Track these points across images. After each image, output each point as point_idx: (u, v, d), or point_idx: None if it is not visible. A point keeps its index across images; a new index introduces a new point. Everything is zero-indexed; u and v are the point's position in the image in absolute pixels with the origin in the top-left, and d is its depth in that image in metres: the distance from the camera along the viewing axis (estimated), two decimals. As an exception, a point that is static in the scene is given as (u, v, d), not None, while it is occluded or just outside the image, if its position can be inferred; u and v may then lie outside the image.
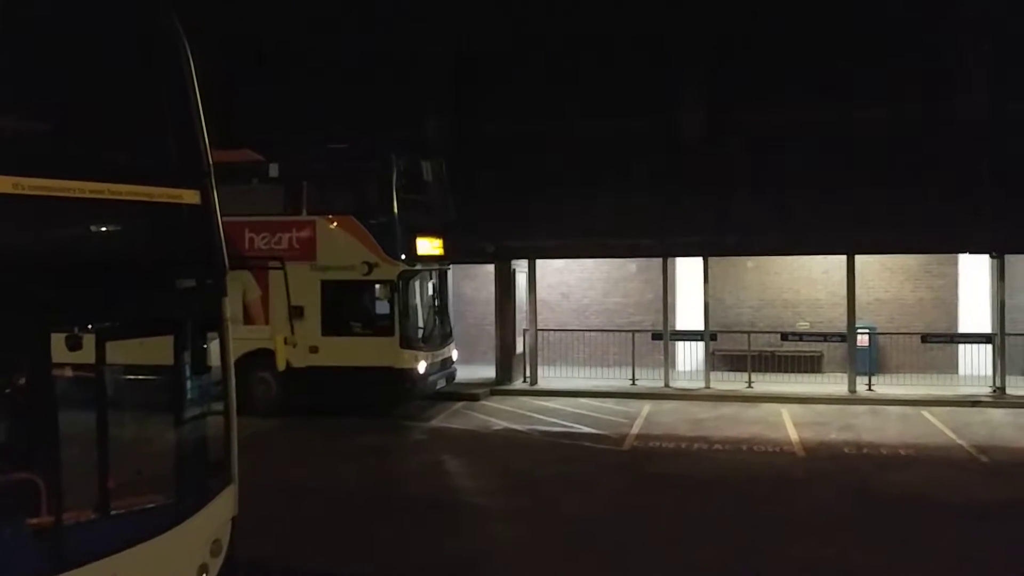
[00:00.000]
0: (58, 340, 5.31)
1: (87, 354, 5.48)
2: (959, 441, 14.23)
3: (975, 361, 18.43)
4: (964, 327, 19.63)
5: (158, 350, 6.20)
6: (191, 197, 6.11)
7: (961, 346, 19.07)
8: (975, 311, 19.60)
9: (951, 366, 19.28)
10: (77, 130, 5.77)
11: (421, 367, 16.12)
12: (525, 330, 19.92)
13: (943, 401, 17.21)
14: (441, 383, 17.25)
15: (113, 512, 5.72)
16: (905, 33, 18.14)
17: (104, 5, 5.97)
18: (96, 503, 5.63)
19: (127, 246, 6.01)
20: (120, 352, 5.97)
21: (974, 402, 17.16)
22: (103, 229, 5.85)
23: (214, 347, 6.35)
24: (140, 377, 6.66)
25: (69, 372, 5.82)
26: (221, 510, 6.24)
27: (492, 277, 20.06)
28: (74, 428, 5.61)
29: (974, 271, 19.72)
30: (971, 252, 18.91)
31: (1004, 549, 9.19)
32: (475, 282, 21.70)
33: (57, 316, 5.28)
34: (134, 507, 5.88)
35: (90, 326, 5.51)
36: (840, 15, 18.21)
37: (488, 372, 19.85)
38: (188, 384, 6.41)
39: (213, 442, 6.44)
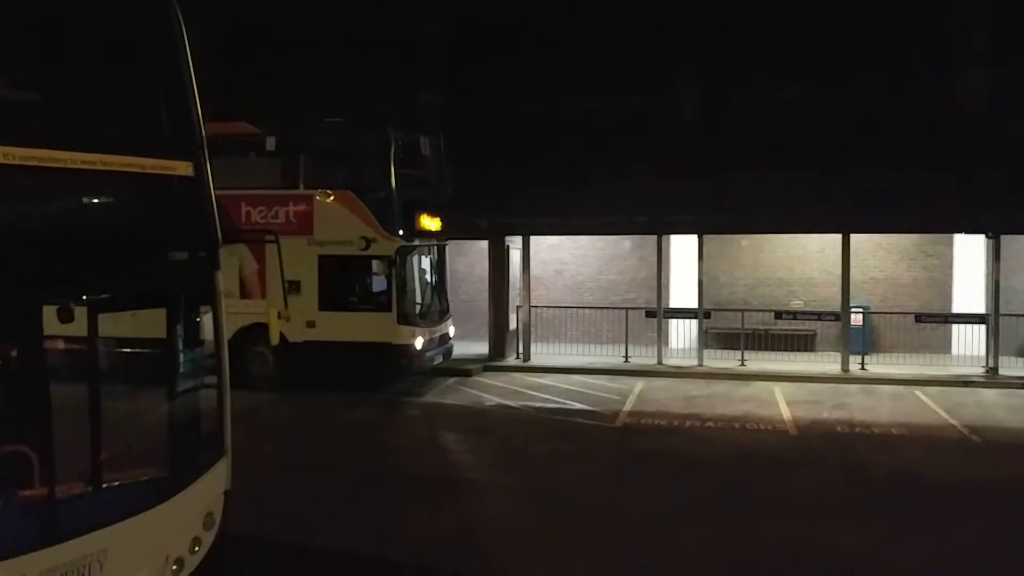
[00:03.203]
0: (50, 312, 5.28)
1: (79, 326, 5.44)
2: (951, 421, 14.28)
3: (969, 341, 18.42)
4: (958, 307, 19.63)
5: (151, 323, 6.17)
6: (184, 169, 6.05)
7: (955, 326, 19.10)
8: (969, 291, 19.61)
9: (944, 346, 19.31)
10: (68, 100, 5.70)
11: (418, 343, 16.10)
12: (518, 306, 19.91)
13: (936, 381, 17.24)
14: (438, 359, 17.23)
15: (105, 485, 5.71)
16: (905, 13, 18.05)
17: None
18: (88, 476, 5.62)
19: (119, 218, 5.96)
20: (112, 325, 5.93)
21: (967, 382, 17.19)
22: (95, 200, 5.80)
23: (207, 320, 6.32)
24: (133, 350, 6.63)
25: (61, 344, 5.78)
26: (214, 483, 6.23)
27: (486, 253, 20.01)
28: (66, 400, 5.59)
29: (969, 251, 19.70)
30: (967, 232, 18.88)
31: (994, 528, 9.23)
32: (468, 258, 21.66)
33: (49, 288, 5.24)
34: (126, 480, 5.87)
35: (82, 298, 5.45)
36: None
37: (481, 348, 19.84)
38: (181, 357, 6.39)
39: (206, 415, 6.42)
